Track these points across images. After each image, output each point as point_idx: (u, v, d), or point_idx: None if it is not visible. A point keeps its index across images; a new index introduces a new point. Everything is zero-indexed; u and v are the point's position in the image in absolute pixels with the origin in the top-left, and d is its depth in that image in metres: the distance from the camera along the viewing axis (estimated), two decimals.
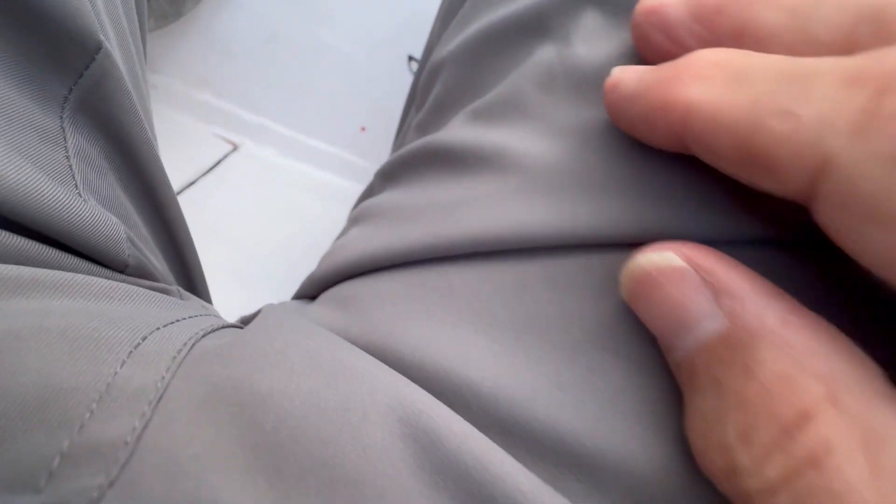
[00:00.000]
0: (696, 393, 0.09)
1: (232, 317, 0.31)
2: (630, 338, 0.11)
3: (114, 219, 0.15)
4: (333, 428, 0.10)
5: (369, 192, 0.24)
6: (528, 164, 0.14)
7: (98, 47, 0.14)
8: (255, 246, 0.57)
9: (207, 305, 0.19)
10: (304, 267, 0.24)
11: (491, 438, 0.11)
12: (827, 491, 0.07)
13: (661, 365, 0.11)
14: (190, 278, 0.22)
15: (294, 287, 0.27)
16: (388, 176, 0.21)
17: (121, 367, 0.10)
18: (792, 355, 0.08)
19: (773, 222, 0.11)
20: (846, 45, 0.09)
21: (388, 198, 0.19)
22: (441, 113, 0.20)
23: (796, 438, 0.08)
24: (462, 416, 0.12)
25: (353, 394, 0.11)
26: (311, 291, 0.20)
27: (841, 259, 0.09)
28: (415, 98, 0.26)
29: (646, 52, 0.12)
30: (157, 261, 0.18)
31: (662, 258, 0.10)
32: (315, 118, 0.64)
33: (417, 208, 0.16)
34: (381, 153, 0.63)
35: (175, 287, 0.18)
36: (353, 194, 0.62)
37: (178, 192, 0.57)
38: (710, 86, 0.09)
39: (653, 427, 0.11)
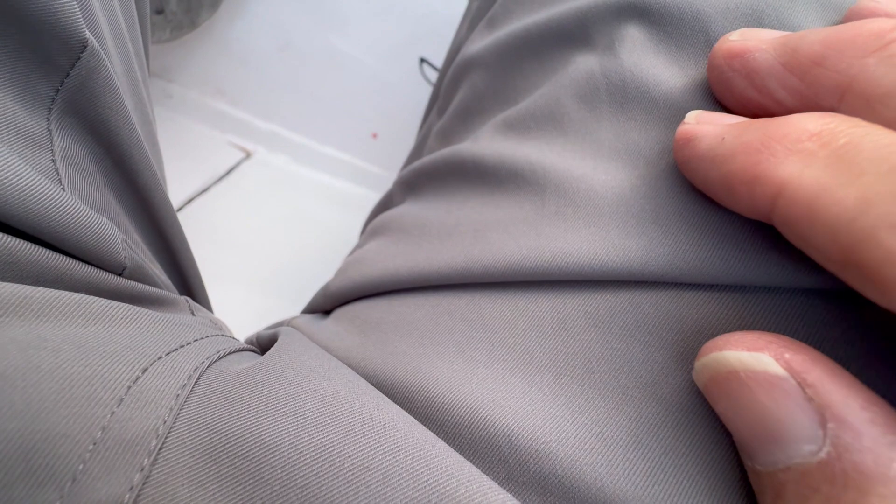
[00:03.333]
0: None
1: (242, 324, 0.31)
2: (686, 394, 0.10)
3: (105, 219, 0.14)
4: (349, 490, 0.09)
5: (388, 202, 0.23)
6: (569, 186, 0.13)
7: (84, 45, 0.13)
8: (266, 252, 0.57)
9: (215, 318, 0.19)
10: (315, 273, 0.23)
11: (530, 498, 0.10)
12: None
13: (721, 429, 0.10)
14: (187, 286, 0.22)
15: (305, 294, 0.26)
16: (411, 186, 0.19)
17: (118, 407, 0.09)
18: None
19: None
20: None
21: (410, 211, 0.18)
22: (467, 120, 0.19)
23: None
24: (497, 469, 0.11)
25: (373, 451, 0.09)
26: (326, 305, 0.19)
27: None
28: (437, 100, 0.25)
29: (724, 95, 0.11)
30: (155, 267, 0.18)
31: (756, 360, 0.08)
32: (327, 125, 0.64)
33: (445, 227, 0.15)
34: (392, 160, 0.63)
35: (184, 298, 0.17)
36: (363, 200, 0.62)
37: (192, 199, 0.57)
38: (809, 165, 0.08)
39: (710, 498, 0.09)
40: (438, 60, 0.63)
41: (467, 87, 0.19)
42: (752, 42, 0.10)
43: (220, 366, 0.12)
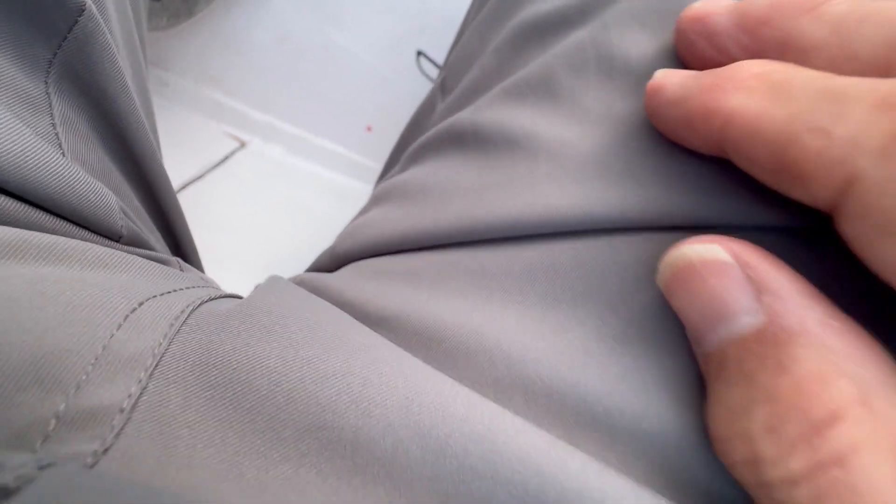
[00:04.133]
0: (723, 384, 0.10)
1: None
2: (653, 312, 0.12)
3: (104, 187, 0.14)
4: (332, 392, 0.10)
5: (389, 172, 0.25)
6: (559, 150, 0.14)
7: (81, 9, 0.14)
8: (258, 241, 0.57)
9: (206, 277, 0.19)
10: (307, 263, 0.24)
11: (514, 398, 0.11)
12: (850, 488, 0.07)
13: (682, 340, 0.11)
14: (181, 250, 0.22)
15: None
16: (413, 157, 0.21)
17: (117, 331, 0.10)
18: (828, 357, 0.08)
19: (796, 212, 0.11)
20: (886, 62, 0.09)
21: (411, 177, 0.19)
22: (472, 97, 0.20)
23: (824, 435, 0.08)
24: (485, 372, 0.12)
25: (354, 363, 0.11)
26: (330, 266, 0.20)
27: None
28: (443, 90, 0.26)
29: (688, 57, 0.13)
30: (151, 232, 0.18)
31: (708, 250, 0.10)
32: (322, 117, 0.64)
33: (446, 191, 0.16)
34: (386, 154, 0.63)
35: (175, 259, 0.18)
36: (356, 193, 0.62)
37: (186, 187, 0.57)
38: (751, 97, 0.10)
39: (669, 393, 0.11)
40: (436, 54, 0.63)
41: (477, 68, 0.20)
42: (711, 6, 0.12)
43: (210, 305, 0.12)
